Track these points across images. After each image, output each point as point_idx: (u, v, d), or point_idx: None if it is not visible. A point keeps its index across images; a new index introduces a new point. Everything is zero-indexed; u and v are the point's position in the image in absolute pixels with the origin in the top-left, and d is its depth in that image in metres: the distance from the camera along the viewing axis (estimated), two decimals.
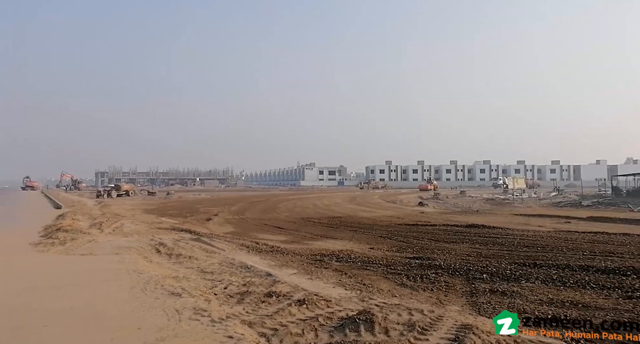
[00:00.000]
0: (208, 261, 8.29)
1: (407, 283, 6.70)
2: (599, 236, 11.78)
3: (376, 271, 7.62)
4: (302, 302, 5.22)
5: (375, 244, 11.02)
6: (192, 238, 11.71)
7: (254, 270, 7.37)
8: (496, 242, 10.84)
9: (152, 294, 5.57)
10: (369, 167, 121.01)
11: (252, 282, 6.40)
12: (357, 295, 5.89)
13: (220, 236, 12.82)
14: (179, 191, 67.85)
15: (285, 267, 7.96)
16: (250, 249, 10.10)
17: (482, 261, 8.15)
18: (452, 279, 6.83)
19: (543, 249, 9.58)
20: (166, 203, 33.85)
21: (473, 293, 6.06)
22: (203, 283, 6.35)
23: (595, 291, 5.93)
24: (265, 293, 5.71)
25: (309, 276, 7.16)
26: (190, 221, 18.15)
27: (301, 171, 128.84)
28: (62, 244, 10.27)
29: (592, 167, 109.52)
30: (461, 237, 11.83)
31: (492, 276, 6.86)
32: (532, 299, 5.60)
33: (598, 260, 7.92)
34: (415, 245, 10.74)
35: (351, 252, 9.55)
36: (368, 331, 4.27)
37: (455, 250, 9.66)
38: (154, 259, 8.44)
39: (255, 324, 4.50)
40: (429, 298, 5.87)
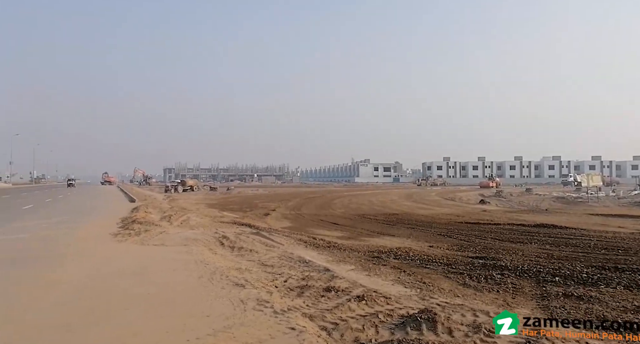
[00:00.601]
0: (268, 254, 8.56)
1: (470, 283, 6.43)
2: None
3: (436, 269, 7.40)
4: (361, 298, 5.21)
5: (434, 243, 10.71)
6: (252, 232, 12.15)
7: (312, 265, 7.47)
8: (569, 243, 10.04)
9: (218, 284, 5.87)
10: (426, 163, 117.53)
11: (310, 276, 6.50)
12: (417, 293, 5.77)
13: (279, 230, 13.18)
14: (238, 186, 70.82)
15: (342, 263, 8.00)
16: (307, 244, 10.27)
17: (554, 263, 7.60)
18: (520, 281, 6.45)
19: (625, 252, 8.71)
20: (227, 198, 35.49)
21: (544, 296, 5.68)
22: (264, 275, 6.57)
23: None
24: (324, 288, 5.77)
25: (366, 273, 7.13)
26: (249, 216, 18.85)
27: (356, 167, 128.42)
28: (137, 235, 11.15)
29: None
30: (529, 238, 11.12)
31: (566, 279, 6.37)
32: (614, 305, 5.12)
33: None
34: (477, 244, 10.28)
35: (409, 250, 9.36)
36: (430, 330, 4.17)
37: (522, 251, 9.10)
38: (218, 251, 8.89)
39: (316, 317, 4.58)
40: (494, 300, 5.59)
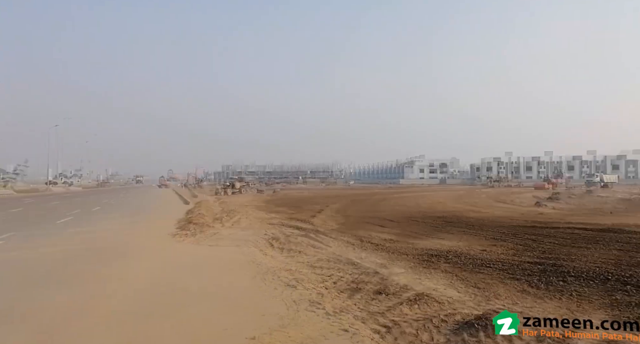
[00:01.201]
0: (316, 256, 8.65)
1: (529, 290, 6.14)
2: None
3: (491, 274, 7.12)
4: (414, 302, 5.15)
5: (487, 247, 10.29)
6: (300, 234, 12.33)
7: (360, 267, 7.47)
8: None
9: (271, 284, 6.04)
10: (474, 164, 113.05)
11: (360, 279, 6.50)
12: (471, 299, 5.61)
13: (326, 232, 13.26)
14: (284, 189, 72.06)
15: (391, 265, 7.92)
16: (355, 246, 10.27)
17: (625, 270, 7.03)
18: (586, 288, 6.07)
19: None
20: (274, 200, 36.24)
21: (614, 305, 5.30)
22: (314, 277, 6.66)
23: None
24: (374, 290, 5.76)
25: (417, 276, 7.01)
26: (296, 217, 19.11)
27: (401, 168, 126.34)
28: (193, 235, 11.72)
29: None
30: (592, 242, 10.35)
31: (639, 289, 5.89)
32: None
33: None
34: (535, 248, 9.75)
35: (460, 253, 9.09)
36: (489, 338, 4.03)
37: (586, 256, 8.51)
38: (268, 252, 9.13)
39: (368, 320, 4.58)
40: (557, 308, 5.31)
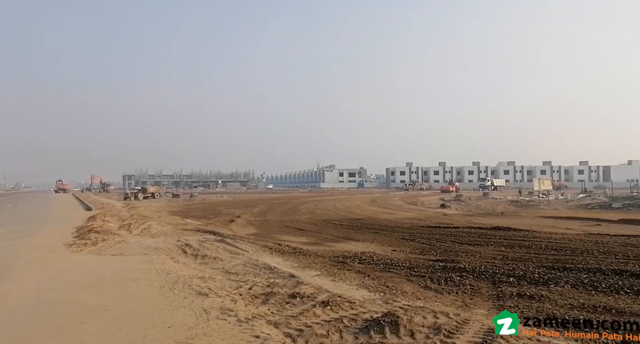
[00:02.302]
0: (232, 262, 8.43)
1: (432, 286, 6.64)
2: (632, 239, 11.32)
3: (399, 273, 7.58)
4: (326, 303, 5.26)
5: (397, 246, 10.96)
6: (217, 239, 11.92)
7: (277, 271, 7.45)
8: (522, 245, 10.58)
9: (181, 293, 5.72)
10: (390, 168, 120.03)
11: (276, 283, 6.48)
12: (380, 297, 5.89)
13: (244, 237, 13.01)
14: (202, 193, 69.15)
15: (308, 268, 8.03)
16: (272, 250, 10.22)
17: (509, 264, 7.98)
18: (478, 282, 6.73)
19: (572, 252, 9.30)
20: (190, 205, 34.56)
21: (500, 296, 5.96)
22: (228, 283, 6.47)
23: (629, 296, 5.72)
24: (289, 294, 5.77)
25: (332, 278, 7.19)
26: (213, 223, 18.47)
27: (321, 173, 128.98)
28: (94, 244, 10.65)
29: (623, 167, 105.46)
30: (485, 240, 11.61)
31: (519, 280, 6.71)
32: (562, 303, 5.45)
33: (632, 264, 7.62)
34: (438, 247, 10.62)
35: (373, 254, 9.53)
36: (393, 333, 4.27)
37: (480, 253, 9.49)
38: (180, 260, 8.65)
39: (281, 324, 4.57)
40: (454, 301, 5.81)
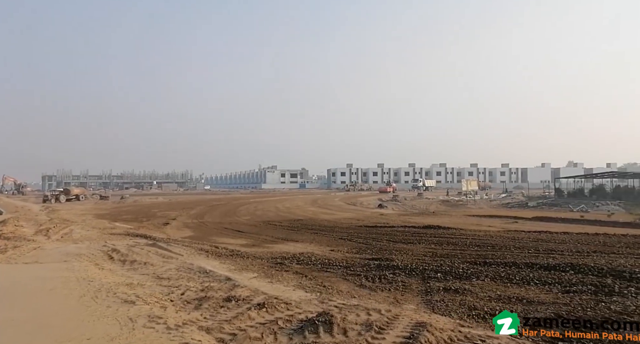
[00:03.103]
0: (165, 266, 8.05)
1: (366, 284, 6.85)
2: (542, 234, 12.61)
3: (336, 272, 7.73)
4: (262, 306, 5.21)
5: (335, 246, 11.16)
6: (148, 243, 11.31)
7: (213, 275, 7.25)
8: (450, 242, 11.31)
9: (104, 302, 5.33)
10: (331, 169, 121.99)
11: (210, 287, 6.30)
12: (317, 297, 5.96)
13: (178, 240, 12.48)
14: (135, 194, 65.14)
15: (245, 271, 7.90)
16: (209, 253, 9.92)
17: (437, 260, 8.48)
18: (409, 279, 7.06)
19: (493, 248, 10.12)
20: (120, 207, 32.38)
21: (428, 291, 6.30)
22: (159, 289, 6.16)
23: (538, 286, 6.34)
24: (224, 298, 5.64)
25: (269, 280, 7.14)
26: (146, 226, 17.50)
27: (263, 173, 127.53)
28: (3, 252, 9.56)
29: (538, 170, 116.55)
30: (418, 238, 12.23)
31: (446, 275, 7.16)
32: (482, 296, 5.90)
33: (541, 257, 8.48)
34: (374, 246, 10.98)
35: (312, 254, 9.62)
36: (327, 333, 4.34)
37: (412, 250, 9.97)
38: (106, 266, 8.08)
39: (213, 329, 4.44)
40: (386, 298, 6.03)
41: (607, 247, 9.96)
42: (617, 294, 5.65)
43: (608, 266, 7.25)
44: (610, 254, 8.82)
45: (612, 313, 4.80)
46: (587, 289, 5.95)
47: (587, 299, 5.46)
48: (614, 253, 9.00)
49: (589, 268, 7.14)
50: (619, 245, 10.22)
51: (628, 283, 6.19)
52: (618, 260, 7.99)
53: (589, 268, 7.11)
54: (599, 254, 8.89)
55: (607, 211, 25.66)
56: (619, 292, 5.74)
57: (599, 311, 4.90)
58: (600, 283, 6.24)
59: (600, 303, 5.23)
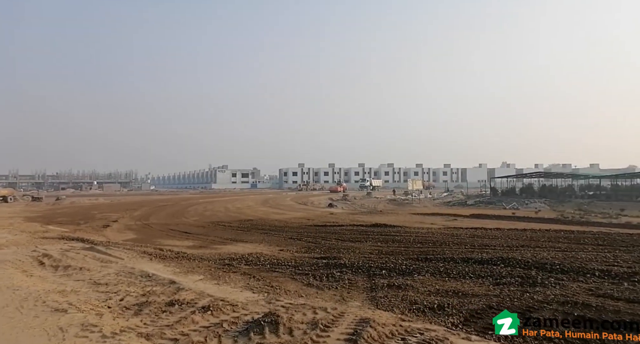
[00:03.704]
0: (103, 271, 7.63)
1: (314, 283, 6.94)
2: (478, 231, 13.48)
3: (284, 272, 7.75)
4: (207, 308, 5.12)
5: (285, 246, 11.18)
6: (85, 247, 10.63)
7: (155, 278, 6.99)
8: (395, 239, 11.75)
9: (31, 312, 4.95)
10: (282, 169, 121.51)
11: (153, 291, 6.08)
12: (264, 298, 5.95)
13: (119, 243, 11.85)
14: (72, 195, 60.77)
15: (191, 273, 7.70)
16: (153, 256, 9.54)
17: (383, 258, 8.79)
18: (355, 276, 7.24)
19: (434, 244, 10.66)
20: (55, 209, 30.05)
21: (373, 288, 6.51)
22: (95, 295, 5.84)
23: (472, 280, 6.79)
24: (167, 302, 5.47)
25: (216, 281, 7.02)
26: (83, 229, 16.44)
27: (213, 173, 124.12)
28: None
29: (476, 170, 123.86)
30: (365, 237, 12.57)
31: (390, 272, 7.44)
32: (422, 290, 6.20)
33: (476, 253, 9.08)
34: (323, 245, 11.14)
35: (261, 254, 9.58)
36: (272, 333, 4.36)
37: (359, 249, 10.24)
38: (35, 273, 7.49)
39: (154, 335, 4.30)
40: (333, 296, 6.16)
41: (533, 241, 10.88)
42: (539, 285, 6.20)
43: (533, 259, 7.94)
44: (535, 248, 9.65)
45: (534, 303, 5.26)
46: (514, 281, 6.48)
47: (515, 290, 5.93)
48: (538, 247, 9.86)
49: (516, 261, 7.77)
50: (543, 239, 11.21)
51: (549, 274, 6.82)
52: (542, 253, 8.77)
53: (516, 261, 7.74)
54: (526, 248, 9.69)
55: (535, 208, 27.98)
56: (541, 283, 6.31)
57: (524, 301, 5.35)
58: (526, 274, 6.81)
59: (526, 294, 5.71)
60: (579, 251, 9.30)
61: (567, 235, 12.17)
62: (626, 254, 8.71)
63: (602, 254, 8.67)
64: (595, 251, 9.30)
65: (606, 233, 12.73)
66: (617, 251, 9.25)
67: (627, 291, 5.71)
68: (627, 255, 8.62)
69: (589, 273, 6.83)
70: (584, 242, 10.70)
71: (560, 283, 6.29)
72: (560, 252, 8.99)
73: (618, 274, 6.74)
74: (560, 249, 9.50)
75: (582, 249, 9.50)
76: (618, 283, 6.25)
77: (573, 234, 12.48)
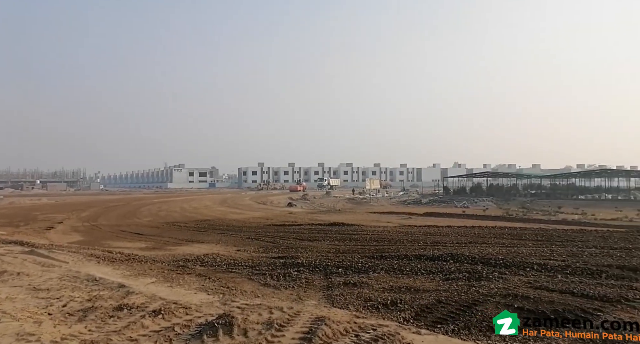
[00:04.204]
0: (44, 276, 7.16)
1: (271, 283, 6.92)
2: (430, 228, 14.05)
3: (241, 273, 7.67)
4: (158, 312, 4.97)
5: (242, 246, 11.05)
6: (24, 251, 9.92)
7: (103, 282, 6.67)
8: (352, 238, 11.97)
9: None
10: (242, 168, 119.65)
11: (100, 296, 5.80)
12: (219, 299, 5.85)
13: (64, 246, 11.19)
14: (11, 195, 56.40)
15: (142, 276, 7.43)
16: (101, 259, 9.10)
17: (340, 256, 8.92)
18: (312, 275, 7.31)
19: (389, 242, 10.97)
20: None
21: (329, 286, 6.60)
22: (35, 302, 5.47)
23: (424, 276, 7.07)
24: (115, 307, 5.24)
25: (169, 284, 6.82)
26: (23, 231, 15.35)
27: (169, 172, 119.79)
28: None
29: (430, 170, 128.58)
30: (323, 235, 12.71)
31: (347, 270, 7.57)
32: (377, 287, 6.37)
33: (428, 249, 9.45)
34: (281, 245, 11.12)
35: (217, 255, 9.41)
36: (226, 334, 4.30)
37: (317, 248, 10.33)
38: None
39: (99, 342, 4.10)
40: (290, 295, 6.17)
41: (480, 238, 11.51)
42: (484, 279, 6.57)
43: (479, 254, 8.39)
44: (482, 244, 10.22)
45: (479, 296, 5.57)
46: (462, 276, 6.82)
47: (462, 285, 6.25)
48: (485, 243, 10.45)
49: (465, 257, 8.18)
50: (489, 236, 11.89)
51: (494, 269, 7.25)
52: (487, 249, 9.29)
53: (465, 257, 8.15)
54: (474, 244, 10.24)
55: (483, 206, 29.56)
56: (486, 277, 6.69)
57: (470, 295, 5.64)
58: (473, 270, 7.19)
59: (472, 288, 6.02)
60: (520, 246, 9.95)
61: (510, 231, 12.99)
62: (561, 249, 9.44)
63: (540, 249, 9.34)
64: (534, 246, 10.00)
65: (545, 229, 13.72)
66: (554, 245, 10.00)
67: (561, 283, 6.18)
68: (562, 249, 9.35)
69: (528, 267, 7.33)
70: (525, 238, 11.47)
71: (503, 276, 6.70)
72: (504, 248, 9.57)
73: (553, 267, 7.28)
74: (504, 245, 10.12)
75: (523, 245, 10.18)
76: (553, 276, 6.77)
77: (516, 230, 13.34)
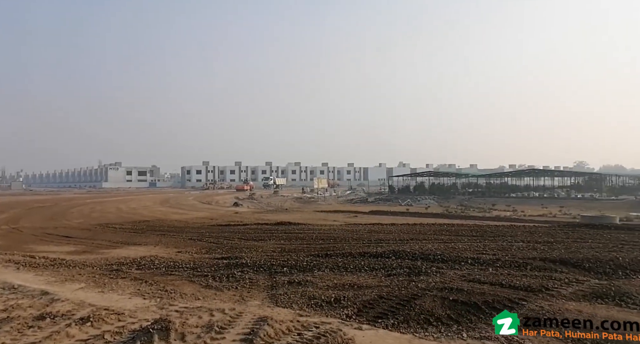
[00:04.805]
0: None
1: (213, 284, 6.70)
2: (375, 226, 14.44)
3: (181, 275, 7.35)
4: (87, 320, 4.62)
5: (184, 247, 10.62)
6: None
7: (22, 290, 6.08)
8: (298, 237, 11.96)
9: None
10: (185, 167, 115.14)
11: (18, 305, 5.28)
12: (156, 303, 5.57)
13: None
14: None
15: (70, 282, 6.88)
16: (21, 265, 8.29)
17: (285, 255, 8.86)
18: (257, 275, 7.18)
19: (334, 240, 11.11)
20: None
21: (273, 286, 6.52)
22: None
23: (367, 272, 7.23)
24: (35, 316, 4.80)
25: (100, 289, 6.37)
26: None
27: (104, 171, 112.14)
28: None
29: (376, 169, 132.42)
30: (269, 235, 12.57)
31: (292, 269, 7.53)
32: (321, 285, 6.40)
33: (372, 247, 9.70)
34: (225, 245, 10.83)
35: (155, 257, 8.96)
36: (162, 340, 4.09)
37: (262, 247, 10.19)
38: None
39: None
40: (232, 297, 6.02)
41: (421, 234, 12.04)
42: (423, 274, 6.86)
43: (419, 250, 8.76)
44: (422, 241, 10.69)
45: (418, 290, 5.80)
46: (403, 272, 7.07)
47: (403, 280, 6.47)
48: (425, 240, 10.94)
49: (406, 253, 8.49)
50: (430, 232, 12.48)
51: (432, 264, 7.60)
52: (427, 245, 9.73)
53: (406, 254, 8.46)
54: (415, 241, 10.68)
55: (426, 204, 31.03)
56: (425, 272, 6.99)
57: (410, 290, 5.85)
58: (413, 265, 7.48)
59: (412, 283, 6.26)
60: (457, 242, 10.54)
61: (449, 228, 13.72)
62: (493, 243, 10.13)
63: (474, 244, 9.95)
64: (469, 241, 10.64)
65: (479, 225, 14.68)
66: (486, 241, 10.71)
67: (492, 276, 6.62)
68: (494, 244, 10.03)
69: (463, 261, 7.77)
70: (462, 234, 12.18)
71: (440, 271, 7.04)
72: (443, 244, 10.08)
73: (485, 261, 7.78)
74: (443, 241, 10.66)
75: (459, 240, 10.79)
76: (485, 269, 7.23)
77: (454, 227, 14.12)
